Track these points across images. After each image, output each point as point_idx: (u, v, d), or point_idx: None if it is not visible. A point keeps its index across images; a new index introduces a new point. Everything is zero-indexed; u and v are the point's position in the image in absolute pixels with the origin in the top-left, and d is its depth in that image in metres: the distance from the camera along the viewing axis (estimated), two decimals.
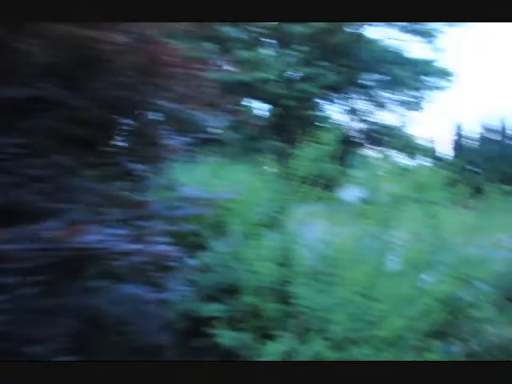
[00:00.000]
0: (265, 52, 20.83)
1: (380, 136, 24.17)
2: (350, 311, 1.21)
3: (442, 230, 1.35)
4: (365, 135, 25.51)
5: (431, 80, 21.75)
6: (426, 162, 21.37)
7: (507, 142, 19.53)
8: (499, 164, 19.51)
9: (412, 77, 20.83)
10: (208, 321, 1.72)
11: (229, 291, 1.81)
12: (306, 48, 21.14)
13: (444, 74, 21.27)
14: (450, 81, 21.38)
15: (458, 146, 20.91)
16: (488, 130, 20.29)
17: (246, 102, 25.54)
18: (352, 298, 1.18)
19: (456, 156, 20.84)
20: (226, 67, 21.37)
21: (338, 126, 27.84)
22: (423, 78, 21.61)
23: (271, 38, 23.58)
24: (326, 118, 28.26)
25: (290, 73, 21.40)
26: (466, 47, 45.17)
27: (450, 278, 1.28)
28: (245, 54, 20.15)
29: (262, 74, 19.69)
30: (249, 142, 20.96)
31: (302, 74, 22.68)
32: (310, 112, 24.64)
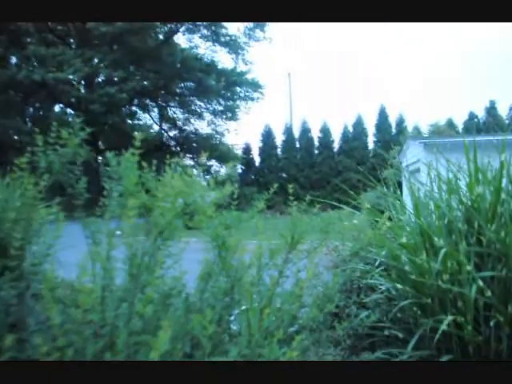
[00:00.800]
0: (65, 51, 21.30)
1: (194, 144, 27.82)
2: None
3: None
4: (179, 143, 28.74)
5: (243, 91, 26.67)
6: (240, 170, 25.76)
7: (315, 150, 25.68)
8: (308, 171, 25.65)
9: (225, 87, 25.15)
10: None
11: None
12: (111, 50, 22.57)
13: (255, 85, 25.64)
14: (260, 92, 26.03)
15: (271, 155, 26.12)
16: (298, 138, 26.03)
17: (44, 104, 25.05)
18: None
19: (268, 164, 25.98)
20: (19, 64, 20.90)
21: (149, 133, 30.26)
22: (236, 88, 26.30)
23: (72, 36, 24.23)
24: (135, 125, 30.34)
25: (93, 75, 22.44)
26: (274, 60, 54.70)
27: None
28: (41, 50, 20.39)
29: (60, 75, 20.21)
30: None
31: (106, 78, 23.92)
32: (117, 118, 26.23)
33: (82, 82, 22.80)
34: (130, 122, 29.75)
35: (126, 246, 1.56)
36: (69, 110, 25.31)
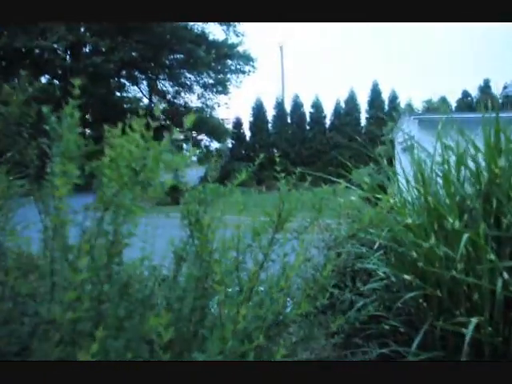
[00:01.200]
0: None
1: (184, 118, 26.95)
2: None
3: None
4: (168, 117, 28.14)
5: (234, 64, 25.90)
6: (231, 145, 25.36)
7: (306, 125, 25.32)
8: (299, 147, 25.33)
9: (216, 59, 24.44)
10: None
11: None
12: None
13: (246, 58, 24.87)
14: (252, 65, 25.28)
15: (262, 130, 25.70)
16: (290, 113, 25.61)
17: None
18: None
19: (259, 139, 25.58)
20: None
21: (138, 106, 29.58)
22: (227, 61, 25.52)
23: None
24: (124, 98, 29.64)
25: (79, 44, 21.63)
26: (266, 31, 53.61)
27: None
28: None
29: (43, 42, 19.44)
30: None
31: (93, 48, 23.12)
32: (105, 90, 25.53)
33: (68, 52, 21.94)
34: (118, 94, 29.05)
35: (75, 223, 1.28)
36: (56, 82, 24.53)
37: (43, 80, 26.22)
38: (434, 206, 1.87)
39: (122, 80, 28.24)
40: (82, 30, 21.04)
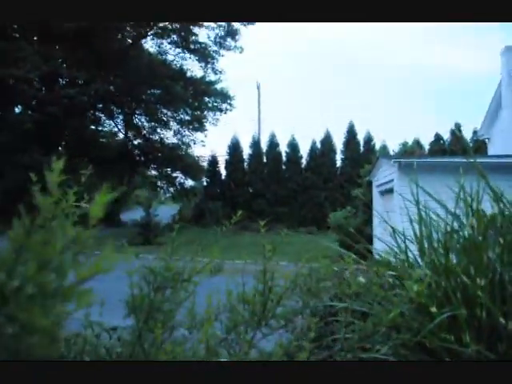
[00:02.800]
0: (22, 46, 20.05)
1: (161, 155, 26.84)
2: None
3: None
4: (144, 153, 27.69)
5: (211, 101, 25.84)
6: (206, 183, 25.02)
7: (282, 165, 25.17)
8: (275, 186, 25.08)
9: (193, 96, 24.32)
10: None
11: None
12: (74, 49, 21.49)
13: (224, 96, 24.84)
14: (230, 103, 25.19)
15: (238, 169, 25.41)
16: (266, 153, 25.43)
17: None
18: None
19: (235, 177, 25.26)
20: None
21: (113, 141, 29.07)
22: (204, 98, 25.48)
23: (30, 31, 22.92)
24: (99, 132, 29.11)
25: (54, 75, 21.22)
26: (244, 70, 54.71)
27: None
28: None
29: (15, 71, 18.96)
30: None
31: (68, 79, 22.76)
32: (79, 123, 25.00)
33: (36, 80, 21.41)
34: (93, 127, 28.55)
35: None
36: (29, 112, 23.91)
37: (16, 110, 25.70)
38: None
39: (98, 113, 27.85)
40: (59, 60, 20.62)
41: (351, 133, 25.51)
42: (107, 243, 0.70)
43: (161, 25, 23.06)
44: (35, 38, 22.56)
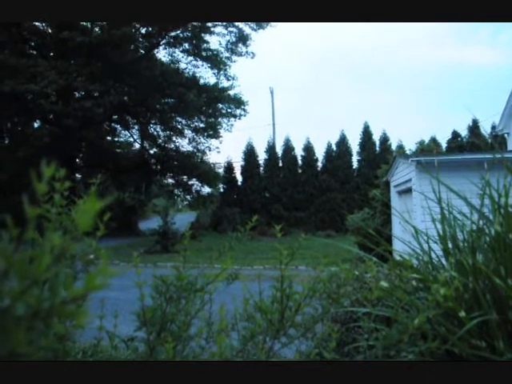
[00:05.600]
0: (39, 62, 20.40)
1: (177, 163, 26.92)
2: None
3: None
4: (160, 162, 27.81)
5: (225, 107, 25.87)
6: (223, 190, 25.06)
7: (298, 169, 25.07)
8: (292, 191, 24.95)
9: (207, 103, 24.35)
10: None
11: None
12: (88, 62, 21.76)
13: (238, 101, 24.88)
14: (243, 109, 25.18)
15: (254, 174, 25.34)
16: (281, 157, 25.34)
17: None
18: None
19: (251, 183, 25.19)
20: None
21: (130, 151, 29.30)
22: (218, 105, 25.48)
23: (46, 46, 23.33)
24: (115, 142, 29.39)
25: (69, 88, 21.51)
26: (257, 75, 54.85)
27: None
28: (12, 60, 19.44)
29: (32, 86, 19.29)
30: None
31: (83, 91, 23.05)
32: (94, 134, 25.27)
33: (53, 95, 21.74)
34: (109, 138, 28.85)
35: None
36: (47, 126, 24.27)
37: (35, 125, 26.14)
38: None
39: (114, 124, 28.14)
40: (73, 74, 20.88)
41: (367, 133, 25.26)
42: (102, 254, 0.64)
43: (172, 34, 23.22)
44: (51, 54, 22.93)
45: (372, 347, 1.56)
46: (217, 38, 24.80)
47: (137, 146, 29.21)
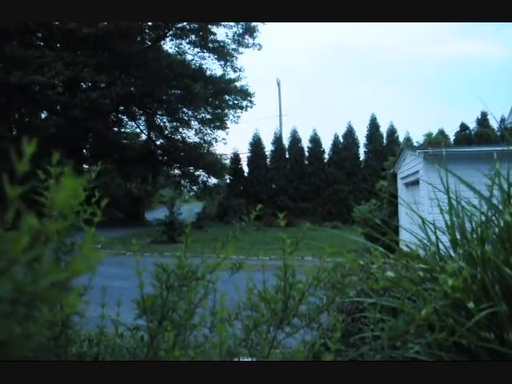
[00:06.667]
0: (45, 53, 20.37)
1: (183, 154, 26.92)
2: None
3: None
4: (166, 152, 27.82)
5: (232, 99, 25.72)
6: (229, 181, 25.04)
7: (305, 160, 24.96)
8: (298, 182, 24.88)
9: (213, 94, 24.28)
10: None
11: None
12: (95, 53, 21.70)
13: (244, 93, 24.73)
14: (250, 100, 25.07)
15: (260, 165, 25.27)
16: (288, 148, 25.26)
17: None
18: None
19: (257, 174, 25.14)
20: None
21: (136, 142, 29.33)
22: (224, 96, 25.33)
23: (53, 37, 23.28)
24: (122, 133, 29.44)
25: (76, 79, 21.50)
26: (264, 67, 54.53)
27: None
28: (20, 52, 19.44)
29: (39, 77, 19.30)
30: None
31: (90, 82, 23.04)
32: (101, 125, 25.30)
33: (60, 86, 21.75)
34: (116, 129, 28.86)
35: None
36: (54, 117, 24.31)
37: (42, 116, 26.22)
38: None
39: (120, 115, 28.13)
40: (79, 64, 20.85)
41: (374, 125, 25.08)
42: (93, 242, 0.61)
43: (179, 25, 23.09)
44: (58, 45, 22.90)
45: (378, 338, 1.53)
46: (224, 29, 24.66)
47: (143, 136, 29.24)
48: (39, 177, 1.24)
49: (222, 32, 24.03)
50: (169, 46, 29.07)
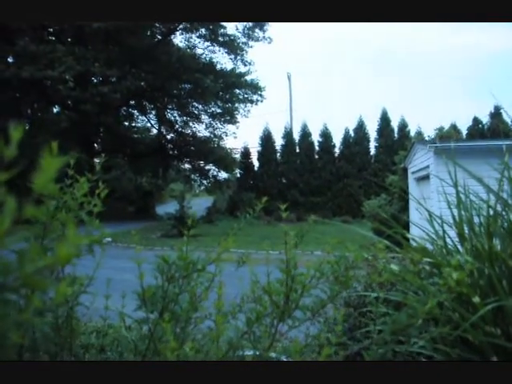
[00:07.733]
0: (56, 48, 20.46)
1: (194, 148, 26.99)
2: None
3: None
4: (176, 147, 27.90)
5: (242, 93, 25.60)
6: (239, 175, 25.02)
7: (315, 155, 24.85)
8: (308, 176, 24.80)
9: (223, 88, 24.27)
10: None
11: None
12: (105, 48, 21.77)
13: (254, 87, 24.69)
14: (260, 94, 25.05)
15: (271, 160, 25.24)
16: (298, 143, 25.18)
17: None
18: None
19: (267, 169, 25.10)
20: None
21: (147, 136, 29.44)
22: (235, 90, 25.22)
23: (63, 32, 23.40)
24: (133, 128, 29.54)
25: (87, 74, 21.61)
26: (274, 61, 54.34)
27: None
28: (31, 47, 19.57)
29: (50, 72, 19.42)
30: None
31: (100, 77, 23.15)
32: (112, 119, 25.43)
33: (71, 80, 21.87)
34: (126, 124, 28.98)
35: None
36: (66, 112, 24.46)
37: (54, 111, 26.40)
38: None
39: (131, 110, 28.24)
40: (90, 59, 20.94)
41: (385, 120, 24.87)
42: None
43: None
44: (69, 40, 23.02)
45: (381, 332, 1.51)
46: (234, 23, 24.56)
47: (154, 131, 29.32)
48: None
49: (232, 26, 23.92)
50: (179, 40, 29.06)
